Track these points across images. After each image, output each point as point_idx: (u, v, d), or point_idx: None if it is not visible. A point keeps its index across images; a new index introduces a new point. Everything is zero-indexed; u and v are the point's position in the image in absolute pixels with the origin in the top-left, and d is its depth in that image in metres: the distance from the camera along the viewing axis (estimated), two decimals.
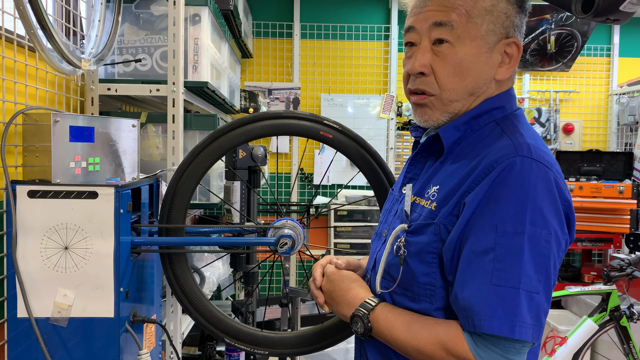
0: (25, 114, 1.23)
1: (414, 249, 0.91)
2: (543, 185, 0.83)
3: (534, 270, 0.81)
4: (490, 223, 0.82)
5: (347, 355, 2.74)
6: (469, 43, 0.90)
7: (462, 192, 0.86)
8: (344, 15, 3.78)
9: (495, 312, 0.80)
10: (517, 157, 0.83)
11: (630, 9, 0.90)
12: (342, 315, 1.01)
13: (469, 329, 0.82)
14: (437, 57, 0.92)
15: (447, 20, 0.90)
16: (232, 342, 1.37)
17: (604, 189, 3.30)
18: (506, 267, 0.80)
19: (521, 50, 0.95)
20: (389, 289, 0.96)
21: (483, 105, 0.95)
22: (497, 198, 0.82)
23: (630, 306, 2.65)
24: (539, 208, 0.82)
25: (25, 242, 1.17)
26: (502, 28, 0.92)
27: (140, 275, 1.35)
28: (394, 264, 0.95)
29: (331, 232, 3.54)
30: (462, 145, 0.94)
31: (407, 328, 0.89)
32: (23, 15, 1.15)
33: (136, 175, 1.45)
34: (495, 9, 0.91)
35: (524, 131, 0.91)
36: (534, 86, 3.94)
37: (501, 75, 0.94)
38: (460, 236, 0.85)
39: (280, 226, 1.36)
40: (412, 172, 1.03)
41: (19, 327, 1.18)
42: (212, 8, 1.99)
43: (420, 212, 0.93)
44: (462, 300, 0.83)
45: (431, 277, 0.89)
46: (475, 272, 0.82)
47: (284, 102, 3.75)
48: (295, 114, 1.36)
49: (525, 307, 0.80)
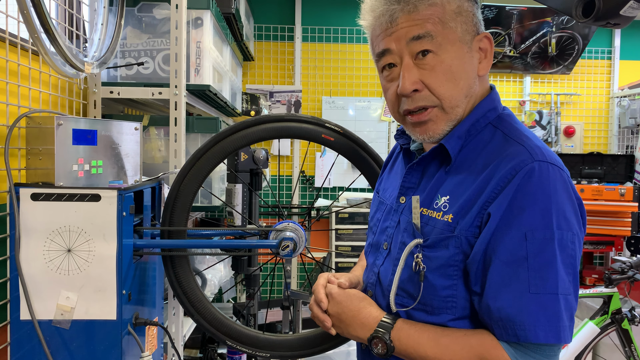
0: (28, 117, 1.24)
1: (435, 264, 0.89)
2: (561, 188, 0.83)
3: (565, 273, 0.82)
4: (519, 232, 0.82)
5: (349, 358, 2.74)
6: (450, 48, 0.90)
7: (483, 202, 0.85)
8: (345, 18, 3.79)
9: (538, 321, 0.80)
10: (535, 162, 0.83)
11: (630, 13, 0.90)
12: (354, 337, 0.98)
13: (508, 338, 0.82)
14: (425, 71, 0.90)
15: (424, 32, 0.89)
16: (233, 345, 1.37)
17: (605, 191, 3.30)
18: (542, 274, 0.81)
19: (493, 43, 0.95)
20: (408, 306, 0.93)
21: (478, 109, 0.95)
22: (522, 206, 0.82)
23: (632, 309, 2.65)
24: (562, 211, 0.82)
25: (28, 244, 1.18)
26: (472, 25, 0.93)
27: (142, 278, 1.36)
28: (411, 281, 0.92)
29: (332, 235, 3.55)
30: (464, 152, 0.93)
31: (435, 344, 0.87)
32: (27, 19, 1.16)
33: (138, 178, 1.46)
34: (462, 9, 0.92)
35: (527, 134, 0.91)
36: (535, 89, 3.95)
37: (483, 70, 0.95)
38: (486, 247, 0.84)
39: (282, 229, 1.36)
40: (410, 181, 1.00)
41: (22, 329, 1.18)
42: (214, 11, 2.00)
43: (434, 224, 0.91)
44: (496, 310, 0.82)
45: (453, 289, 0.88)
46: (509, 282, 0.82)
47: (286, 105, 3.75)
48: (297, 116, 1.36)
49: (563, 310, 0.81)
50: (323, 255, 3.61)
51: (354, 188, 3.77)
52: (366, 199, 3.46)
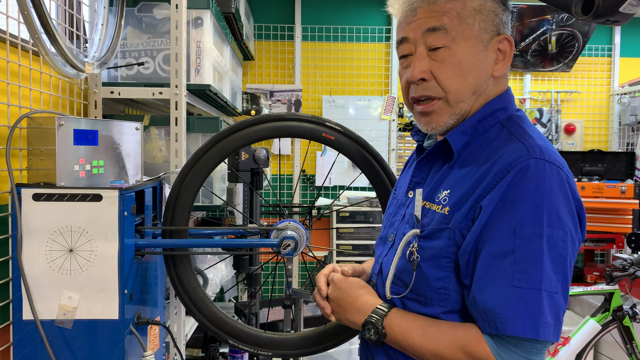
0: (29, 118, 1.24)
1: (428, 254, 0.91)
2: (557, 186, 0.84)
3: (553, 271, 0.82)
4: (508, 226, 0.83)
5: (350, 357, 2.75)
6: (464, 43, 0.92)
7: (477, 196, 0.87)
8: (345, 17, 3.79)
9: (518, 314, 0.80)
10: (531, 159, 0.84)
11: (629, 10, 0.90)
12: (351, 322, 1.01)
13: (490, 331, 0.83)
14: (435, 62, 0.93)
15: (440, 24, 0.91)
16: (235, 344, 1.38)
17: (606, 189, 3.30)
18: (527, 269, 0.81)
19: (513, 46, 0.96)
20: (401, 294, 0.96)
21: (487, 107, 0.96)
22: (514, 201, 0.83)
23: (633, 306, 2.65)
24: (555, 209, 0.83)
25: (31, 244, 1.18)
26: (493, 26, 0.94)
27: (144, 278, 1.36)
28: (405, 270, 0.95)
29: (333, 234, 3.55)
30: (469, 148, 0.95)
31: (423, 333, 0.89)
32: (27, 19, 1.16)
33: (140, 177, 1.46)
34: (484, 8, 0.93)
35: (532, 133, 0.92)
36: (535, 87, 3.95)
37: (498, 71, 0.96)
38: (477, 240, 0.85)
39: (283, 228, 1.37)
40: (418, 176, 1.03)
41: (25, 329, 1.19)
42: (214, 11, 2.00)
43: (432, 216, 0.93)
44: (481, 303, 0.83)
45: (445, 281, 0.90)
46: (495, 275, 0.83)
47: (286, 104, 3.76)
48: (297, 116, 1.36)
49: (546, 307, 0.81)
50: (324, 254, 3.61)
51: (354, 187, 3.78)
52: (367, 197, 3.46)
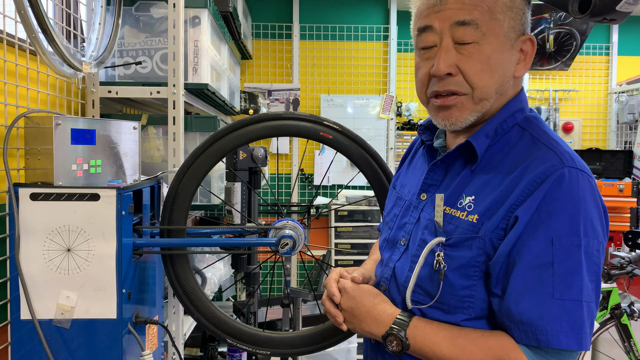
0: (27, 117, 1.24)
1: (456, 264, 0.88)
2: (590, 195, 0.83)
3: (589, 281, 0.82)
4: (546, 236, 0.81)
5: (349, 355, 2.75)
6: (493, 40, 0.88)
7: (510, 205, 0.84)
8: (343, 16, 3.79)
9: (561, 327, 0.80)
10: (565, 168, 0.83)
11: (626, 8, 0.90)
12: (367, 333, 0.97)
13: (529, 342, 0.82)
14: (463, 56, 0.88)
15: (470, 18, 0.87)
16: (234, 343, 1.38)
17: (604, 187, 3.31)
18: (567, 280, 0.81)
19: (535, 47, 0.94)
20: (425, 304, 0.92)
21: (507, 108, 0.94)
22: (550, 211, 0.82)
23: (631, 304, 2.66)
24: (590, 218, 0.82)
25: (28, 244, 1.18)
26: (520, 24, 0.92)
27: (142, 277, 1.36)
28: (430, 278, 0.91)
29: (332, 233, 3.55)
30: (490, 152, 0.92)
31: (452, 344, 0.86)
32: (24, 19, 1.16)
33: (137, 177, 1.46)
34: (514, 4, 0.90)
35: (555, 137, 0.90)
36: (533, 85, 3.95)
37: (519, 72, 0.94)
38: (511, 250, 0.84)
39: (281, 227, 1.37)
40: (432, 178, 0.99)
41: (23, 328, 1.19)
42: (212, 10, 2.00)
43: (457, 224, 0.90)
44: (518, 314, 0.82)
45: (472, 289, 0.88)
46: (533, 286, 0.82)
47: (284, 103, 3.75)
48: (295, 115, 1.36)
49: (586, 318, 0.81)
50: (322, 252, 3.62)
51: (352, 186, 3.78)
52: (365, 196, 3.47)
